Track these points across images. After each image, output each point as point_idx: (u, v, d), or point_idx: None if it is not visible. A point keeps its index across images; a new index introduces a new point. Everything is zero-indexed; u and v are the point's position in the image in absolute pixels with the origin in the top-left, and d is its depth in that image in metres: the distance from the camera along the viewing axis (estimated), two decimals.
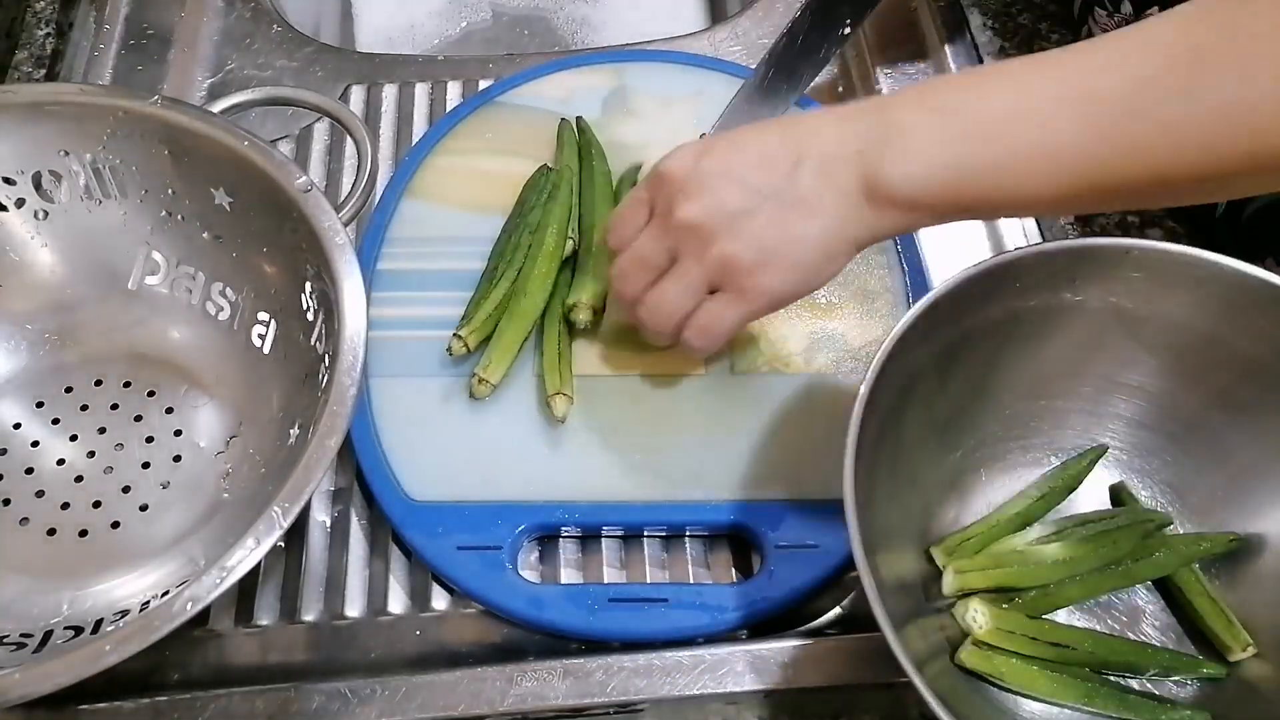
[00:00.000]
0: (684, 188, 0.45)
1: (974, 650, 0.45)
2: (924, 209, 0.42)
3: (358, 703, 0.46)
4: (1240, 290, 0.45)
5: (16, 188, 0.55)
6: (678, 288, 0.47)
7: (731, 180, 0.44)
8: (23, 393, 0.56)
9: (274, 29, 0.72)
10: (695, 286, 0.47)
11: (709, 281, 0.46)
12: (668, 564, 0.53)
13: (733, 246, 0.44)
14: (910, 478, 0.48)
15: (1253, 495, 0.48)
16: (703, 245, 0.45)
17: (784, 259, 0.44)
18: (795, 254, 0.44)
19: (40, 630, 0.48)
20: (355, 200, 0.54)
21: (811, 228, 0.43)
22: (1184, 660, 0.47)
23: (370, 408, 0.54)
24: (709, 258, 0.45)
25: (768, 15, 0.73)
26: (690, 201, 0.45)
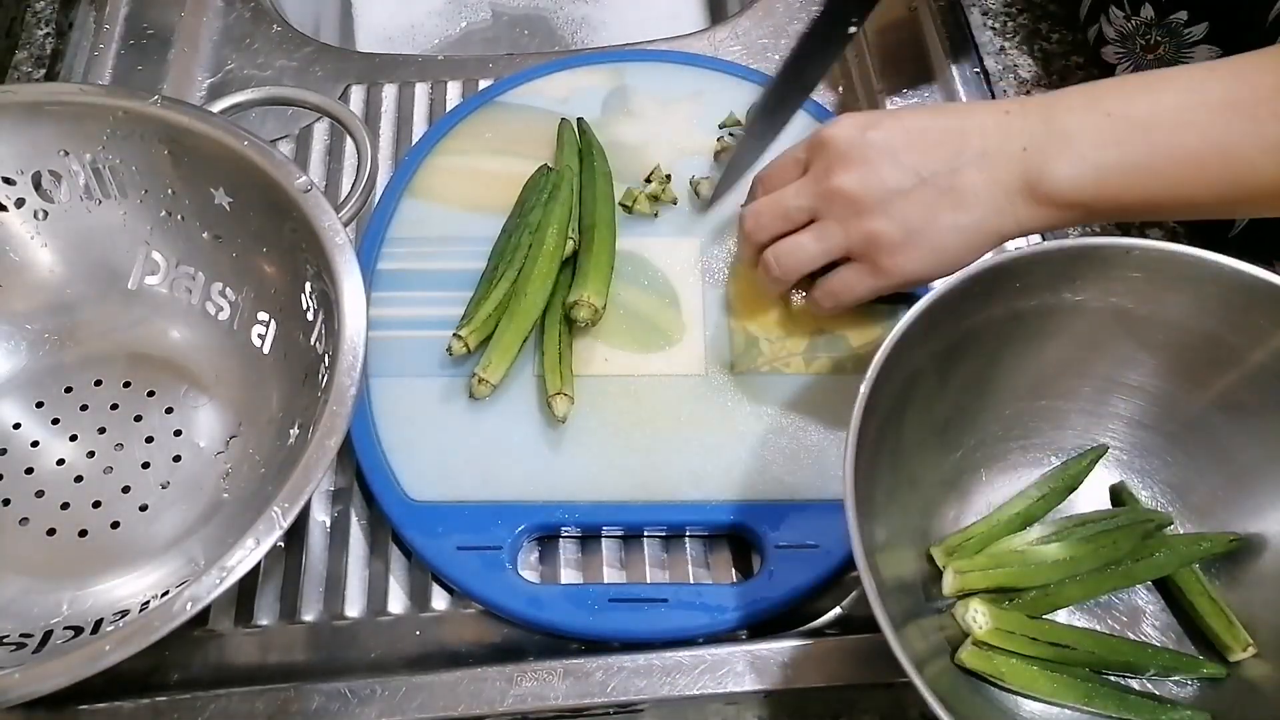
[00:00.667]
0: (846, 156, 0.46)
1: (974, 650, 0.45)
2: (1081, 209, 0.44)
3: (358, 703, 0.46)
4: (1240, 290, 0.45)
5: (16, 188, 0.55)
6: (816, 246, 0.49)
7: (894, 157, 0.45)
8: (22, 393, 0.56)
9: (274, 29, 0.72)
10: (832, 249, 0.48)
11: (848, 249, 0.48)
12: (668, 564, 0.53)
13: (881, 223, 0.46)
14: (910, 478, 0.48)
15: (1253, 495, 0.48)
16: (852, 215, 0.46)
17: (927, 243, 0.46)
18: (940, 240, 0.46)
19: (40, 630, 0.48)
20: (355, 200, 0.54)
21: (962, 217, 0.45)
22: (1184, 660, 0.47)
23: (370, 408, 0.54)
24: (855, 228, 0.47)
25: (768, 15, 0.73)
26: (849, 171, 0.46)
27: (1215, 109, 0.41)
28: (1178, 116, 0.42)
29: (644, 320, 0.58)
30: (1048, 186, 0.43)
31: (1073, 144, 0.43)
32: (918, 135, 0.46)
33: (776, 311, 0.57)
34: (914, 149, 0.46)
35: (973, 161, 0.45)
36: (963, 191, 0.45)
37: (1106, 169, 0.43)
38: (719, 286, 0.59)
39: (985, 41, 0.69)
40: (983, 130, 0.45)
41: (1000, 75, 0.68)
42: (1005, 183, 0.44)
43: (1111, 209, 0.44)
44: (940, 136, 0.46)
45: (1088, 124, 0.43)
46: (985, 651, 0.45)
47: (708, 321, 0.57)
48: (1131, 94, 0.43)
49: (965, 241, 0.46)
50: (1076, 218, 0.45)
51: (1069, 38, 0.70)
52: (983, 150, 0.45)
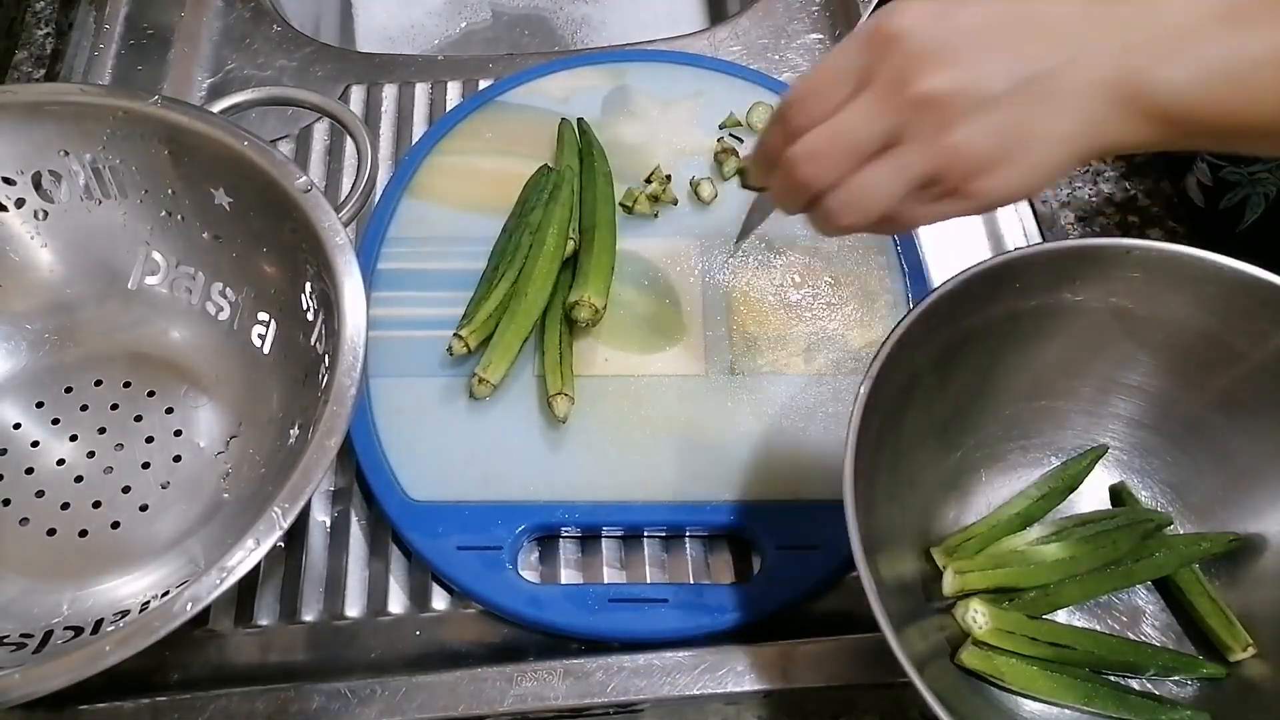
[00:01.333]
0: (929, 51, 0.36)
1: (974, 650, 0.45)
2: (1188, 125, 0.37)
3: (358, 703, 0.46)
4: (1240, 290, 0.45)
5: (16, 188, 0.55)
6: (895, 179, 0.38)
7: (990, 49, 0.36)
8: (23, 393, 0.56)
9: (274, 29, 0.72)
10: (914, 179, 0.38)
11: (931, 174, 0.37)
12: (668, 564, 0.53)
13: (975, 134, 0.36)
14: (910, 478, 0.48)
15: (1252, 495, 0.48)
16: (938, 128, 0.36)
17: (1024, 160, 0.37)
18: (1039, 155, 0.37)
19: (40, 630, 0.48)
20: (355, 200, 0.54)
21: (1063, 126, 0.37)
22: (1184, 660, 0.47)
23: (370, 408, 0.54)
24: (942, 145, 0.36)
25: (768, 15, 0.73)
26: (939, 70, 0.36)
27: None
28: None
29: (644, 320, 0.58)
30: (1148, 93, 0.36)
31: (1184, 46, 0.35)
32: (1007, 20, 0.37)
33: (777, 312, 0.57)
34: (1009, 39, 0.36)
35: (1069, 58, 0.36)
36: (1061, 95, 0.36)
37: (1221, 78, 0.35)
38: (719, 286, 0.59)
39: None
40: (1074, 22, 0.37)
41: None
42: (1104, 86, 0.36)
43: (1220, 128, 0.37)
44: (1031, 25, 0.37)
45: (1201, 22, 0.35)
46: (985, 651, 0.45)
47: (708, 321, 0.57)
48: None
49: (1057, 159, 0.37)
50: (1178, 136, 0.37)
51: None
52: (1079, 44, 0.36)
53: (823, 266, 0.59)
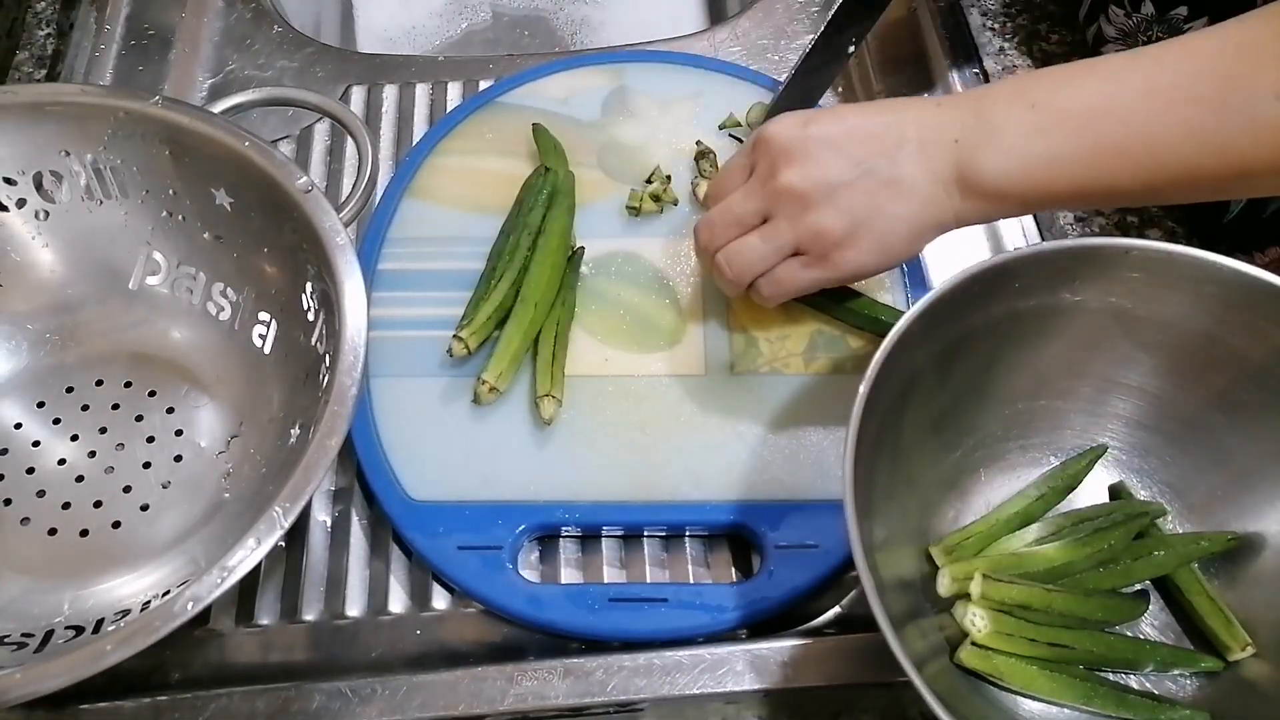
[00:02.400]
0: (788, 153, 0.47)
1: (973, 650, 0.45)
2: (1012, 199, 0.45)
3: (358, 702, 0.46)
4: (1240, 290, 0.45)
5: (17, 188, 0.55)
6: (765, 245, 0.49)
7: (835, 151, 0.46)
8: (24, 393, 0.56)
9: (275, 29, 0.72)
10: (782, 247, 0.49)
11: (797, 244, 0.48)
12: (668, 564, 0.53)
13: (828, 216, 0.46)
14: (910, 478, 0.48)
15: (1251, 495, 0.48)
16: (799, 210, 0.47)
17: (873, 234, 0.46)
18: (884, 230, 0.46)
19: (41, 630, 0.48)
20: (356, 200, 0.54)
21: (903, 207, 0.46)
22: (1183, 655, 0.47)
23: (371, 408, 0.54)
24: (803, 223, 0.47)
25: (768, 16, 0.73)
26: (793, 167, 0.47)
27: (1136, 97, 0.42)
28: (1099, 105, 0.42)
29: (644, 320, 0.58)
30: (977, 178, 0.44)
31: (999, 136, 0.44)
32: (856, 128, 0.47)
33: (776, 312, 0.57)
34: (854, 141, 0.46)
35: (910, 153, 0.45)
36: (902, 182, 0.45)
37: (1032, 159, 0.43)
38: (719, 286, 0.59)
39: (985, 42, 0.69)
40: (918, 122, 0.46)
41: (1000, 75, 0.68)
42: (940, 173, 0.45)
43: (1042, 199, 0.45)
44: (878, 129, 0.46)
45: (1014, 116, 0.44)
46: (984, 651, 0.45)
47: (708, 321, 0.58)
48: (1056, 85, 0.44)
49: (907, 231, 0.47)
50: (1010, 209, 0.46)
51: (1069, 38, 0.70)
52: (919, 141, 0.45)
53: None
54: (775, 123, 0.49)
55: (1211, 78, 0.40)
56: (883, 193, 0.46)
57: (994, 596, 0.45)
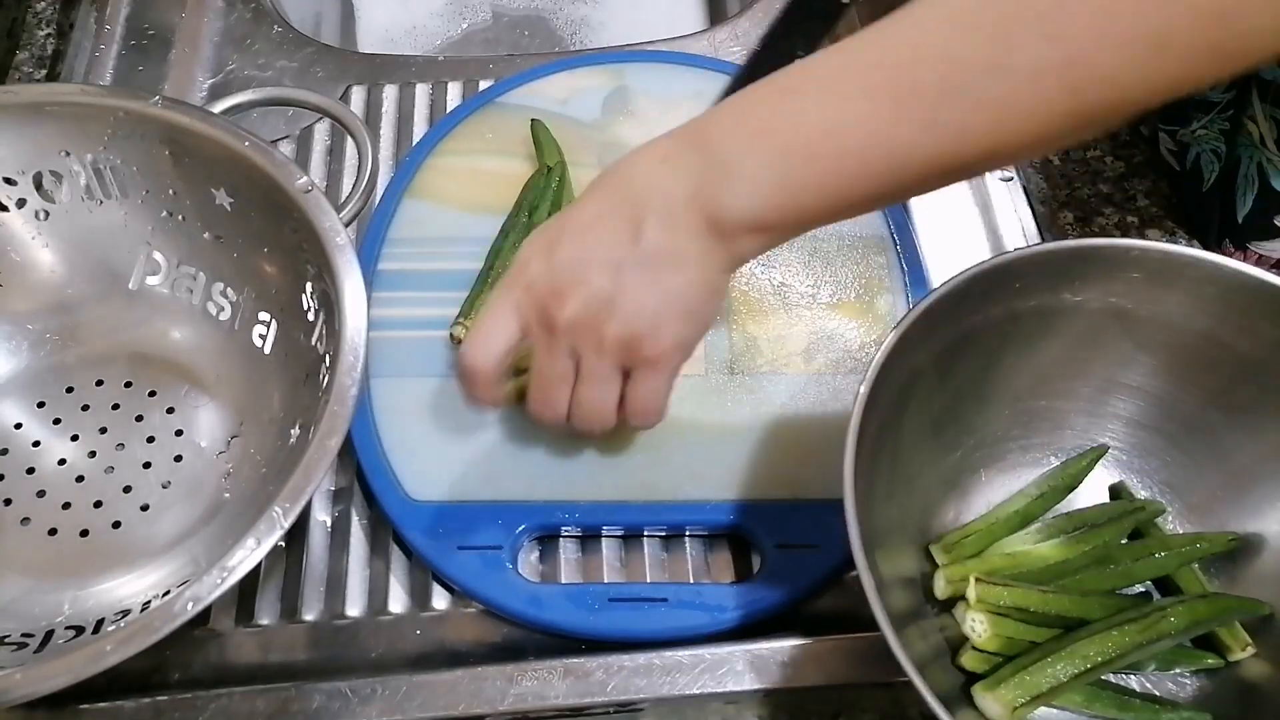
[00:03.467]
0: (553, 291, 0.44)
1: (974, 654, 0.45)
2: (775, 228, 0.42)
3: (358, 702, 0.46)
4: (1240, 290, 0.45)
5: (17, 188, 0.55)
6: (595, 388, 0.46)
7: (591, 264, 0.43)
8: (24, 393, 0.56)
9: (275, 29, 0.72)
10: (609, 377, 0.46)
11: (618, 365, 0.45)
12: (668, 564, 0.53)
13: (622, 326, 0.43)
14: (910, 478, 0.48)
15: (1252, 495, 0.48)
16: (596, 336, 0.44)
17: (673, 315, 0.44)
18: (680, 306, 0.43)
19: (41, 630, 0.48)
20: (356, 200, 0.54)
21: (682, 277, 0.43)
22: (1184, 653, 0.47)
23: (371, 408, 0.54)
24: (607, 345, 0.44)
25: (767, 16, 0.72)
26: (565, 301, 0.43)
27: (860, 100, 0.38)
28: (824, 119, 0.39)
29: None
30: (731, 220, 0.41)
31: (737, 172, 0.40)
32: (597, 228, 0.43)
33: (777, 312, 0.57)
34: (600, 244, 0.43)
35: (657, 225, 0.42)
36: (668, 254, 0.42)
37: (777, 188, 0.40)
38: None
39: None
40: (651, 189, 0.43)
41: None
42: (694, 229, 0.42)
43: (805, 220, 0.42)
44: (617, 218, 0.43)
45: (741, 146, 0.41)
46: (986, 655, 0.45)
47: None
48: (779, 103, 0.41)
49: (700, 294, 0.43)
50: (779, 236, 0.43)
51: None
52: (660, 210, 0.42)
53: (823, 266, 0.59)
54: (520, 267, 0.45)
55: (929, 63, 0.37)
56: (656, 276, 0.43)
57: (990, 599, 0.45)
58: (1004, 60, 0.36)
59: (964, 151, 0.38)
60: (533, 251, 0.45)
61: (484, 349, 0.46)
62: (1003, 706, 0.42)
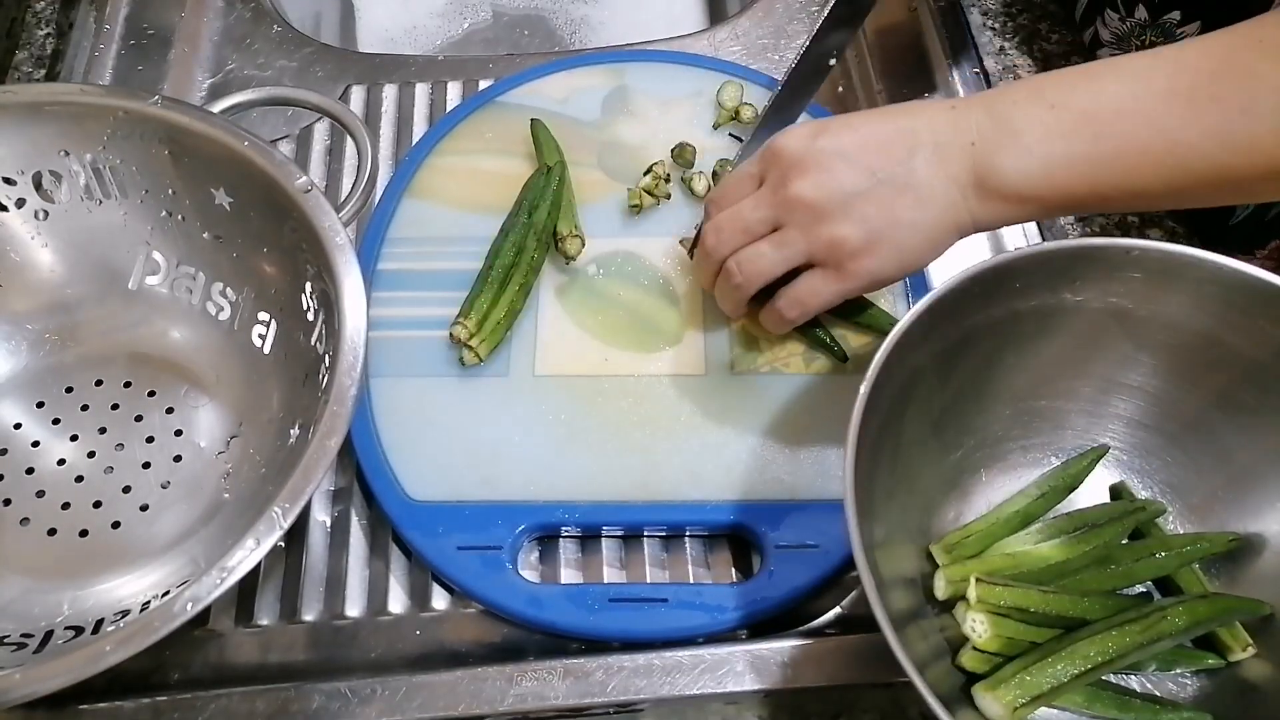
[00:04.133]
0: (800, 164, 0.46)
1: (975, 654, 0.45)
2: (1033, 202, 0.44)
3: (358, 702, 0.46)
4: (1240, 290, 0.45)
5: (17, 188, 0.55)
6: (777, 253, 0.48)
7: (848, 161, 0.45)
8: (23, 393, 0.56)
9: (274, 29, 0.72)
10: (794, 256, 0.48)
11: (810, 255, 0.47)
12: (668, 564, 0.53)
13: (843, 227, 0.46)
14: (910, 478, 0.48)
15: (1252, 495, 0.48)
16: (813, 221, 0.46)
17: (891, 242, 0.46)
18: (902, 238, 0.46)
19: (41, 630, 0.48)
20: (355, 200, 0.54)
21: (921, 214, 0.45)
22: (1185, 653, 0.47)
23: (370, 408, 0.54)
24: (817, 235, 0.46)
25: (768, 15, 0.73)
26: (805, 178, 0.46)
27: (1158, 97, 0.41)
28: (1120, 106, 0.42)
29: (644, 320, 0.58)
30: (996, 181, 0.43)
31: (1018, 138, 0.43)
32: (868, 137, 0.46)
33: None
34: (866, 150, 0.45)
35: (925, 158, 0.45)
36: (918, 188, 0.45)
37: (1052, 161, 0.43)
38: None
39: (985, 42, 0.69)
40: (932, 126, 0.45)
41: (1000, 75, 0.68)
42: (957, 177, 0.44)
43: (1063, 201, 0.44)
44: (891, 136, 0.45)
45: (1032, 117, 0.43)
46: (986, 656, 0.45)
47: (708, 321, 0.58)
48: (1075, 85, 0.43)
49: (925, 238, 0.46)
50: (1030, 212, 0.45)
51: (1069, 38, 0.70)
52: (934, 145, 0.45)
53: None
54: (785, 134, 0.48)
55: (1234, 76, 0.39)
56: (898, 201, 0.45)
57: (990, 600, 0.45)
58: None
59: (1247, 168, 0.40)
60: (799, 129, 0.47)
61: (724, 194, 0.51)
62: (1003, 707, 0.42)
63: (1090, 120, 0.42)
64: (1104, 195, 0.43)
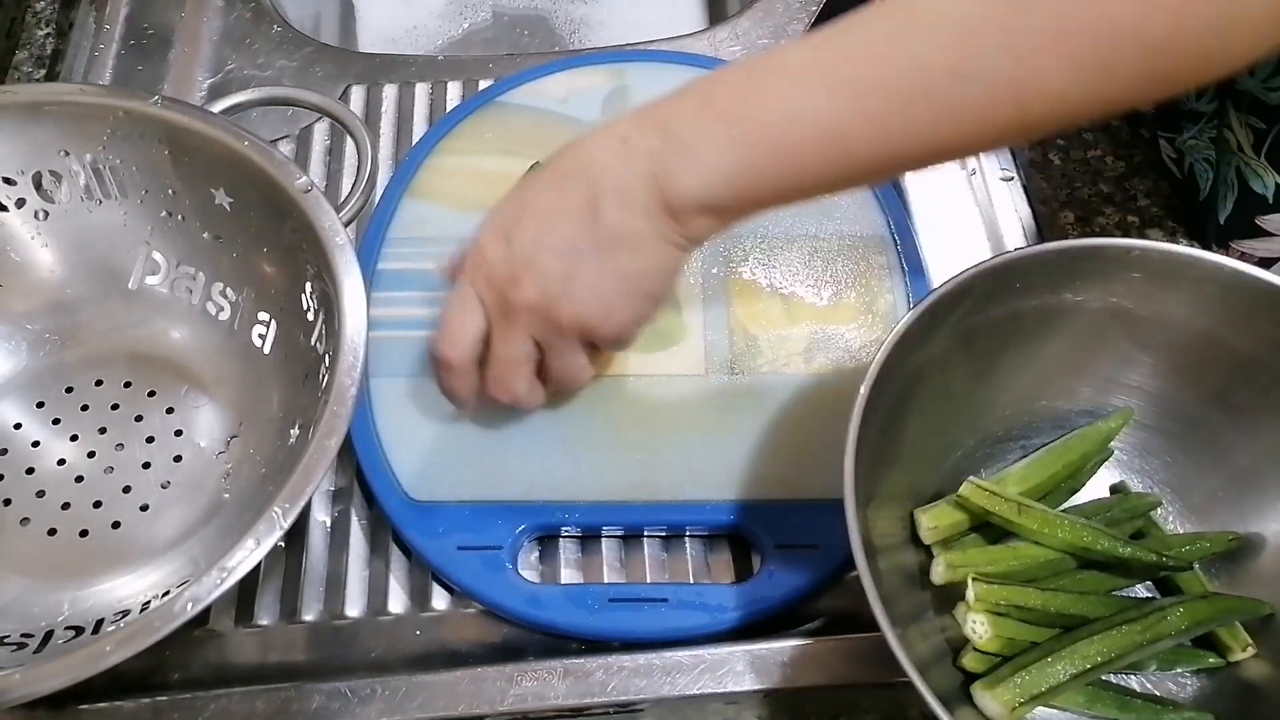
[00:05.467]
0: (509, 277, 0.45)
1: (976, 655, 0.45)
2: (726, 211, 0.43)
3: (358, 702, 0.46)
4: (1240, 290, 0.45)
5: (17, 188, 0.55)
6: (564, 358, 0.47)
7: (546, 249, 0.44)
8: (23, 393, 0.56)
9: (274, 29, 0.72)
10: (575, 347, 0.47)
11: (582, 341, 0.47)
12: (668, 564, 0.53)
13: (577, 309, 0.44)
14: (911, 478, 0.48)
15: (1252, 495, 0.48)
16: (554, 320, 0.45)
17: (627, 295, 0.45)
18: (635, 286, 0.45)
19: (41, 630, 0.48)
20: (355, 200, 0.54)
21: (638, 258, 0.44)
22: (1185, 653, 0.47)
23: (370, 408, 0.54)
24: (564, 327, 0.45)
25: (768, 15, 0.73)
26: (521, 287, 0.44)
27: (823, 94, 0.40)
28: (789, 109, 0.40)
29: None
30: (684, 201, 0.42)
31: (695, 154, 0.42)
32: (553, 211, 0.44)
33: (777, 312, 0.57)
34: (557, 226, 0.44)
35: (613, 206, 0.43)
36: (624, 237, 0.43)
37: (733, 172, 0.41)
38: (719, 286, 0.59)
39: None
40: (607, 170, 0.43)
41: None
42: (649, 210, 0.43)
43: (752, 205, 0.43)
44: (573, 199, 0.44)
45: (702, 130, 0.42)
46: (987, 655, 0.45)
47: (708, 321, 0.58)
48: (744, 90, 0.42)
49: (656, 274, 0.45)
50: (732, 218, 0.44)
51: None
52: (615, 190, 0.43)
53: (823, 266, 0.59)
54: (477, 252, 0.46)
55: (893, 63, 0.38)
56: (612, 258, 0.44)
57: (989, 599, 0.45)
58: (963, 68, 0.37)
59: (913, 151, 0.40)
60: (490, 236, 0.46)
61: (453, 341, 0.47)
62: (1002, 706, 0.42)
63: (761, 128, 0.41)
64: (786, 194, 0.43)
